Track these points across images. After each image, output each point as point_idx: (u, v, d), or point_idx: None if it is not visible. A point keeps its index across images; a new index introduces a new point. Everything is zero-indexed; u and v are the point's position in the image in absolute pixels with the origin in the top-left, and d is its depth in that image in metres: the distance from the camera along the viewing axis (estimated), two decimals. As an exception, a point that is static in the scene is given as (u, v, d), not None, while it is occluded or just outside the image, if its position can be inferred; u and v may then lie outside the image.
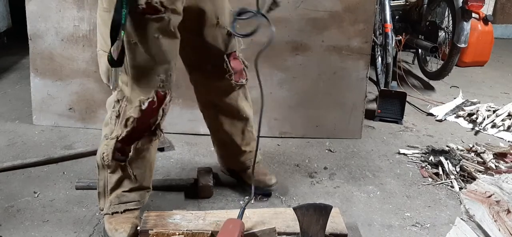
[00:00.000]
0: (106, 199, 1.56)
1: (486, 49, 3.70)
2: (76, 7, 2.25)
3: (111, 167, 1.50)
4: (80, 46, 2.31)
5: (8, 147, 2.19)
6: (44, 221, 1.65)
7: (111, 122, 1.47)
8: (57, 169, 2.00)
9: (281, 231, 1.49)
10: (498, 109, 2.83)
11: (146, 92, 1.41)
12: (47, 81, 2.38)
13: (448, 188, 1.99)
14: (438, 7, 3.38)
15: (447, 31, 3.31)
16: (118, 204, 1.54)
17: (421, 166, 2.18)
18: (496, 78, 3.83)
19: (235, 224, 1.36)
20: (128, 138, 1.45)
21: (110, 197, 1.54)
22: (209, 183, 1.82)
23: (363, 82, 2.38)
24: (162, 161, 2.11)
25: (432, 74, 3.41)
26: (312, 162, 2.18)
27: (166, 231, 1.44)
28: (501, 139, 2.56)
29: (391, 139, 2.50)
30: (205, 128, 2.40)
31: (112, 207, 1.54)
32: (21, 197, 1.78)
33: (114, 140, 1.45)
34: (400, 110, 2.72)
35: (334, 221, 1.53)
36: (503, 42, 5.17)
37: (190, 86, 2.38)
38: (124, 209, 1.55)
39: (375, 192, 1.95)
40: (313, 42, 2.31)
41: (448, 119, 2.82)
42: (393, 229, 1.70)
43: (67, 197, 1.80)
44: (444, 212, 1.82)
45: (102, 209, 1.57)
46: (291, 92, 2.38)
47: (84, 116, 2.41)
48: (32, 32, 2.31)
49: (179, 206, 1.77)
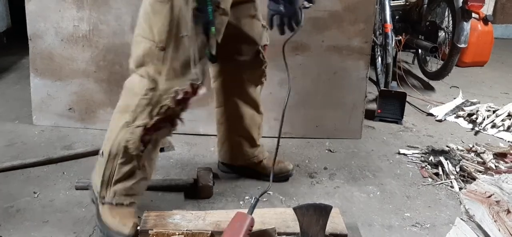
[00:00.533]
0: (109, 189, 1.50)
1: (486, 49, 3.70)
2: (76, 7, 2.25)
3: (127, 157, 1.45)
4: (79, 46, 2.31)
5: (8, 147, 2.19)
6: (44, 221, 1.65)
7: (138, 109, 1.42)
8: (57, 169, 2.00)
9: (281, 231, 1.49)
10: (498, 109, 2.83)
11: (182, 83, 1.41)
12: (46, 81, 2.37)
13: (448, 188, 1.99)
14: (438, 7, 3.38)
15: (447, 31, 3.31)
16: (125, 196, 1.50)
17: (421, 166, 2.18)
18: (496, 78, 3.83)
19: (243, 221, 1.35)
20: (154, 127, 1.43)
21: (114, 187, 1.49)
22: (209, 183, 1.82)
23: (363, 82, 2.38)
24: (162, 161, 2.11)
25: (432, 74, 3.41)
26: (312, 162, 2.18)
27: (166, 231, 1.44)
28: (501, 139, 2.56)
29: (391, 139, 2.50)
30: (205, 128, 2.41)
31: (117, 198, 1.49)
32: (20, 197, 1.78)
33: (141, 128, 1.42)
34: (400, 110, 2.72)
35: (334, 221, 1.53)
36: (503, 42, 5.17)
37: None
38: (130, 202, 1.52)
39: (375, 192, 1.95)
40: (313, 42, 2.31)
41: (448, 119, 2.82)
42: (393, 229, 1.70)
43: (67, 197, 1.80)
44: (444, 212, 1.82)
45: (104, 196, 1.51)
46: (291, 92, 2.36)
47: (83, 116, 2.41)
48: (32, 32, 2.31)
49: (179, 206, 1.76)
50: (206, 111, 2.38)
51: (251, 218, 1.36)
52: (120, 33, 2.28)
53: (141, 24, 1.42)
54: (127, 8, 2.24)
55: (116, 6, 2.24)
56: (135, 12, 2.23)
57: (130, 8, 2.24)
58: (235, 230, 1.32)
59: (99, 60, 2.33)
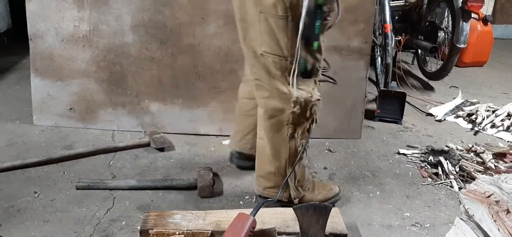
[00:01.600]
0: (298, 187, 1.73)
1: (486, 49, 3.70)
2: (76, 7, 2.26)
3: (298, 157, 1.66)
4: (80, 46, 2.31)
5: (8, 147, 2.20)
6: (45, 221, 1.65)
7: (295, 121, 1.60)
8: (57, 169, 2.00)
9: (281, 231, 1.49)
10: (497, 109, 2.83)
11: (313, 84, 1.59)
12: (47, 81, 2.38)
13: (448, 188, 2.00)
14: (437, 8, 3.38)
15: (446, 32, 3.31)
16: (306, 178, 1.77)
17: (421, 166, 2.18)
18: (495, 78, 3.83)
19: (245, 221, 1.35)
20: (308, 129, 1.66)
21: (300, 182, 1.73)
22: (209, 183, 1.82)
23: (363, 82, 2.38)
24: (162, 161, 2.12)
25: (432, 75, 3.42)
26: (312, 162, 2.18)
27: (166, 231, 1.44)
28: (500, 139, 2.56)
29: (390, 139, 2.51)
30: (205, 128, 2.42)
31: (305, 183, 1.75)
32: (21, 197, 1.79)
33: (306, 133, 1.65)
34: (399, 110, 2.73)
35: (334, 221, 1.54)
36: (503, 42, 5.17)
37: (190, 86, 2.39)
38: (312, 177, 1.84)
39: (375, 192, 1.95)
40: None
41: (448, 119, 2.83)
42: (393, 229, 1.71)
43: (67, 197, 1.80)
44: (444, 212, 1.83)
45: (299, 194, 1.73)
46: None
47: (84, 116, 2.41)
48: (32, 32, 2.31)
49: (179, 206, 1.77)
50: (206, 111, 2.39)
51: (253, 219, 1.36)
52: (120, 33, 2.29)
53: (266, 41, 1.52)
54: (127, 8, 2.25)
55: (116, 6, 2.25)
56: (135, 12, 2.26)
57: (130, 8, 2.25)
58: (236, 230, 1.33)
59: (99, 60, 2.33)
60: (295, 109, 1.56)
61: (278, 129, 1.63)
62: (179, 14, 2.25)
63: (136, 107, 2.39)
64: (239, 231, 1.32)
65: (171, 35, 2.28)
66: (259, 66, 1.57)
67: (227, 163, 2.11)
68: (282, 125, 1.61)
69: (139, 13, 2.26)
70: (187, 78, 2.34)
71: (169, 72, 2.34)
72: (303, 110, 1.58)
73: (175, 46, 2.30)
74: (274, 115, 1.61)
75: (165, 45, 2.30)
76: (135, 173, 2.01)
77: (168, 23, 2.26)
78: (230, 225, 1.36)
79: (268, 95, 1.59)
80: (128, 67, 2.33)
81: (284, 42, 1.48)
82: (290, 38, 1.48)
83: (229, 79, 2.33)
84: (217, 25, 2.26)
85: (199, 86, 2.35)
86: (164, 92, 2.37)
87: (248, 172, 2.02)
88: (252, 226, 1.35)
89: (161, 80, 2.35)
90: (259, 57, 1.55)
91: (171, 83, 2.35)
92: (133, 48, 2.31)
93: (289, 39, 1.48)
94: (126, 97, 2.37)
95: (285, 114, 1.59)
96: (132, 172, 2.02)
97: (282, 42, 1.48)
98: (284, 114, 1.59)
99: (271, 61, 1.52)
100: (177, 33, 2.28)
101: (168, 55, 2.31)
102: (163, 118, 2.40)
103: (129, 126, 2.41)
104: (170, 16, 2.25)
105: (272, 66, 1.53)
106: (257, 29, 1.52)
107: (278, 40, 1.49)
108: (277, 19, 1.46)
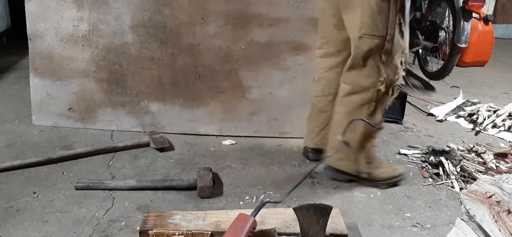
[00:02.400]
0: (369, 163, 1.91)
1: (487, 49, 3.70)
2: (76, 7, 2.25)
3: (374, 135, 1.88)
4: (79, 46, 2.31)
5: (8, 147, 2.19)
6: (44, 221, 1.64)
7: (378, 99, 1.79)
8: (57, 169, 2.00)
9: (281, 231, 1.49)
10: (498, 109, 2.82)
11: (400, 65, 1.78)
12: (46, 81, 2.37)
13: (449, 188, 1.99)
14: (438, 7, 3.38)
15: (447, 31, 3.31)
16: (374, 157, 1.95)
17: (422, 166, 2.17)
18: (496, 78, 3.82)
19: (245, 222, 1.35)
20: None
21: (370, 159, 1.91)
22: (209, 183, 1.82)
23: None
24: (161, 161, 2.11)
25: (433, 74, 3.41)
26: (312, 162, 2.18)
27: (165, 231, 1.44)
28: (501, 139, 2.55)
29: (391, 139, 2.50)
30: (205, 128, 2.41)
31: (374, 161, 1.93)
32: (20, 197, 1.78)
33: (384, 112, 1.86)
34: (400, 110, 2.72)
35: (334, 222, 1.53)
36: (504, 42, 5.17)
37: (190, 86, 2.39)
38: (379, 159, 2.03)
39: (376, 193, 1.94)
40: (313, 42, 2.30)
41: (449, 119, 2.82)
42: (394, 229, 1.70)
43: (66, 197, 1.80)
44: (445, 212, 1.82)
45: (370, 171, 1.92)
46: (291, 92, 2.37)
47: (83, 116, 2.41)
48: (32, 32, 2.30)
49: (178, 206, 1.76)
50: (206, 111, 2.38)
51: (253, 220, 1.36)
52: (120, 33, 2.28)
53: (368, 23, 1.70)
54: (127, 8, 2.24)
55: (116, 6, 2.24)
56: (135, 12, 2.26)
57: (130, 8, 2.24)
58: (236, 231, 1.32)
59: (99, 60, 2.32)
60: (381, 87, 1.75)
61: (361, 106, 1.79)
62: (179, 14, 2.24)
63: (136, 107, 2.38)
64: (239, 232, 1.31)
65: (171, 35, 2.28)
66: (356, 47, 1.75)
67: (227, 163, 2.11)
68: (365, 102, 1.79)
69: (139, 12, 2.25)
70: (187, 78, 2.34)
71: (169, 72, 2.33)
72: (387, 88, 1.77)
73: (175, 46, 2.29)
74: (360, 91, 1.78)
75: (165, 45, 2.29)
76: (135, 173, 2.00)
77: (168, 23, 2.26)
78: (230, 225, 1.35)
79: (358, 73, 1.77)
80: (128, 67, 2.33)
81: (383, 23, 1.68)
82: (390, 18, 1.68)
83: (229, 79, 2.33)
84: (217, 25, 2.25)
85: (199, 86, 2.35)
86: (164, 92, 2.36)
87: (248, 172, 2.03)
88: (253, 227, 1.35)
89: (161, 80, 2.34)
90: (356, 39, 1.73)
91: (171, 83, 2.35)
92: (133, 48, 2.30)
93: (388, 19, 1.68)
94: (125, 97, 2.36)
95: (370, 92, 1.77)
96: (131, 172, 2.01)
97: (381, 23, 1.68)
98: (369, 92, 1.77)
99: (370, 42, 1.70)
100: (177, 33, 2.27)
101: (168, 55, 2.30)
102: (163, 118, 2.40)
103: (128, 126, 2.41)
104: (170, 16, 2.25)
105: (369, 47, 1.71)
106: (358, 14, 1.70)
107: (378, 21, 1.68)
108: (381, 1, 1.66)
